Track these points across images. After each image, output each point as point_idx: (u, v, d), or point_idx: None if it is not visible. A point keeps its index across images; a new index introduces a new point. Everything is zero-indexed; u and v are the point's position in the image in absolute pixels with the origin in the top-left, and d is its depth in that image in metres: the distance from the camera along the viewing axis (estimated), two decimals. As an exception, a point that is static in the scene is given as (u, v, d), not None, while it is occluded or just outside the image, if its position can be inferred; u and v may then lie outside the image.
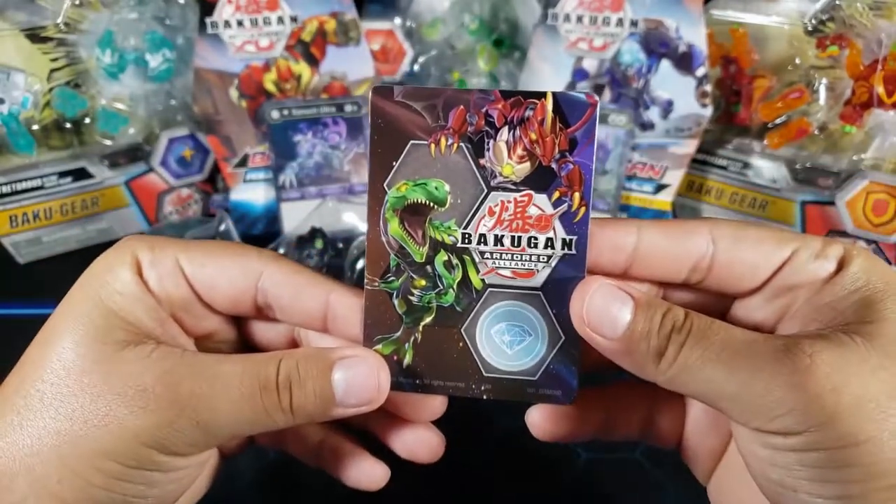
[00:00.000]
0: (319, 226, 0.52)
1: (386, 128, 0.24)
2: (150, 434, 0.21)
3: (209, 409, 0.22)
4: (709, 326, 0.21)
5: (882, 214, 0.48)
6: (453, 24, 0.61)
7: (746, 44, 0.51)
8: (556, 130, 0.24)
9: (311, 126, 0.53)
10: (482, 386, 0.25)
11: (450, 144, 0.24)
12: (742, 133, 0.54)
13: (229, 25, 0.51)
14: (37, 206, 0.51)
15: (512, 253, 0.25)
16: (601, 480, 0.38)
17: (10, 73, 0.47)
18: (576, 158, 0.24)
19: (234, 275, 0.25)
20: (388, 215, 0.25)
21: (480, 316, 0.25)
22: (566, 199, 0.24)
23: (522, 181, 0.24)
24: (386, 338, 0.25)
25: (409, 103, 0.24)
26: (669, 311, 0.22)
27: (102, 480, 0.21)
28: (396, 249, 0.25)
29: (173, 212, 0.57)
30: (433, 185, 0.24)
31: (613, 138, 0.53)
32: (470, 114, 0.24)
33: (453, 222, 0.25)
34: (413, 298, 0.25)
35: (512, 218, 0.24)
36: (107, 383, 0.21)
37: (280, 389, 0.22)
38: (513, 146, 0.24)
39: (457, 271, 0.25)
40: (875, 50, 0.46)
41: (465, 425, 0.41)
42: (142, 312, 0.23)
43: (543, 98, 0.24)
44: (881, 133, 0.48)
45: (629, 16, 0.51)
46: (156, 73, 0.52)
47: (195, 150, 0.56)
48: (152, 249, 0.24)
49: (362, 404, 0.23)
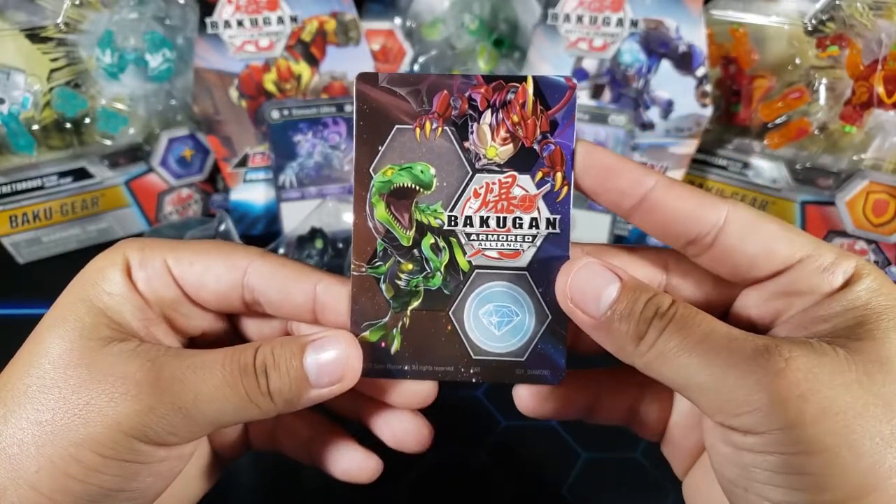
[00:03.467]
0: (319, 226, 0.52)
1: (371, 113, 0.25)
2: (129, 421, 0.21)
3: (190, 393, 0.22)
4: (692, 317, 0.21)
5: (882, 214, 0.48)
6: (453, 24, 0.61)
7: (746, 44, 0.51)
8: (538, 113, 0.24)
9: (311, 126, 0.53)
10: (471, 369, 0.25)
11: (434, 128, 0.25)
12: (742, 133, 0.54)
13: (229, 25, 0.51)
14: (37, 206, 0.51)
15: (498, 234, 0.25)
16: (601, 480, 0.38)
17: (10, 73, 0.47)
18: (557, 139, 0.24)
19: (220, 272, 0.25)
20: (374, 200, 0.25)
21: (468, 298, 0.25)
22: (549, 179, 0.25)
23: (506, 163, 0.25)
24: (374, 324, 0.25)
25: (394, 89, 0.25)
26: (655, 297, 0.22)
27: (80, 471, 0.21)
28: (383, 234, 0.25)
29: (173, 212, 0.57)
30: (419, 168, 0.25)
31: (613, 138, 0.53)
32: (454, 98, 0.24)
33: (439, 205, 0.25)
34: (400, 283, 0.25)
35: (497, 199, 0.25)
36: (89, 375, 0.22)
37: (258, 374, 0.22)
38: (496, 129, 0.25)
39: (444, 254, 0.25)
40: (875, 50, 0.46)
41: (466, 425, 0.41)
42: (129, 313, 0.24)
43: (524, 82, 0.24)
44: (881, 133, 0.48)
45: (629, 16, 0.51)
46: (156, 73, 0.52)
47: (195, 150, 0.56)
48: (142, 251, 0.25)
49: (335, 382, 0.23)
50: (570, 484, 0.38)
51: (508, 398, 0.26)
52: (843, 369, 0.20)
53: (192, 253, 0.25)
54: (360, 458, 0.28)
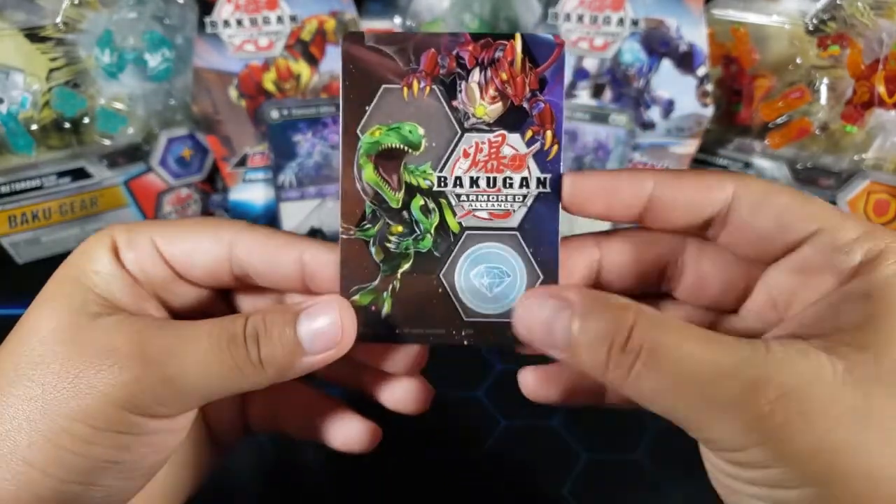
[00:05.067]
0: (319, 226, 0.52)
1: (358, 73, 0.24)
2: (118, 392, 0.21)
3: (177, 363, 0.22)
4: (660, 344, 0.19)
5: (883, 214, 0.48)
6: (453, 24, 0.60)
7: (747, 43, 0.51)
8: (526, 70, 0.24)
9: (310, 126, 0.53)
10: (463, 331, 0.25)
11: (422, 87, 0.24)
12: (743, 133, 0.54)
13: (228, 25, 0.51)
14: (36, 206, 0.51)
15: (488, 194, 0.25)
16: (601, 480, 0.38)
17: (8, 73, 0.46)
18: (546, 97, 0.24)
19: (207, 247, 0.25)
20: (362, 161, 0.24)
21: (459, 260, 0.25)
22: (539, 137, 0.24)
23: (495, 122, 0.24)
24: (363, 287, 0.25)
25: (381, 48, 0.24)
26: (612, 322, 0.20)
27: (72, 443, 0.21)
28: (372, 196, 0.25)
29: (172, 212, 0.57)
30: (407, 128, 0.24)
31: (614, 138, 0.53)
32: (441, 56, 0.24)
33: (428, 166, 0.25)
34: (390, 245, 0.25)
35: (486, 159, 0.24)
36: (78, 349, 0.22)
37: (248, 342, 0.22)
38: (484, 87, 0.24)
39: (434, 215, 0.25)
40: (876, 49, 0.46)
41: (466, 425, 0.41)
42: (117, 289, 0.24)
43: (512, 39, 0.24)
44: (882, 133, 0.48)
45: (630, 15, 0.51)
46: (155, 72, 0.52)
47: (194, 150, 0.56)
48: (129, 232, 0.25)
49: (330, 348, 0.23)
50: (570, 484, 0.38)
51: (508, 398, 0.26)
52: (838, 395, 0.18)
53: (179, 230, 0.25)
54: (359, 427, 0.28)
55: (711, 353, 0.19)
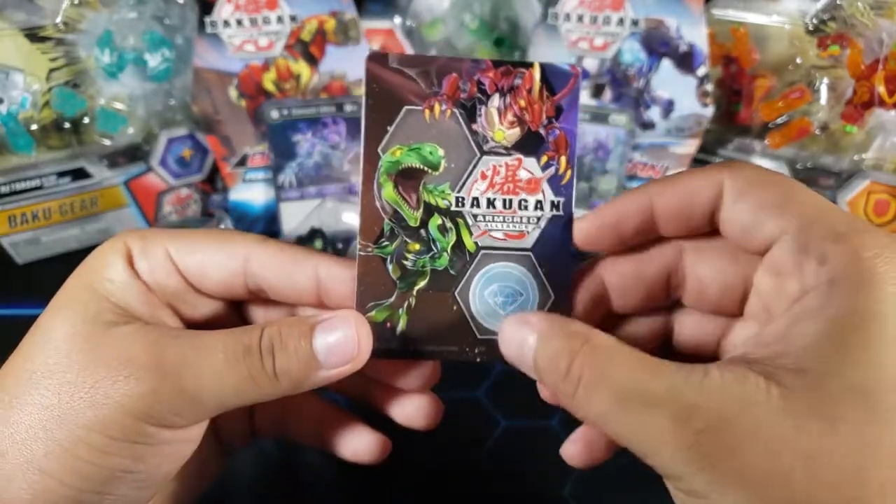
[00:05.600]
0: (319, 226, 0.52)
1: (381, 93, 0.25)
2: (134, 403, 0.21)
3: (192, 375, 0.22)
4: (595, 374, 0.20)
5: (883, 215, 0.48)
6: (453, 24, 0.60)
7: (747, 43, 0.51)
8: (543, 98, 0.25)
9: (310, 126, 0.53)
10: (476, 349, 0.25)
11: (444, 110, 0.25)
12: (743, 133, 0.54)
13: (228, 25, 0.51)
14: (36, 206, 0.51)
15: (503, 215, 0.25)
16: (601, 481, 0.38)
17: (8, 73, 0.46)
18: (562, 125, 0.25)
19: (221, 261, 0.25)
20: (382, 180, 0.25)
21: (474, 278, 0.25)
22: (553, 162, 0.25)
23: (513, 146, 0.25)
24: (379, 304, 0.25)
25: (404, 70, 0.25)
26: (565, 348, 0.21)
27: (88, 453, 0.21)
28: (391, 214, 0.25)
29: (172, 212, 0.57)
30: (427, 149, 0.25)
31: (614, 138, 0.53)
32: (463, 81, 0.25)
33: (447, 186, 0.25)
34: (407, 263, 0.25)
35: (503, 181, 0.25)
36: (94, 358, 0.22)
37: (263, 354, 0.22)
38: (503, 112, 0.25)
39: (450, 234, 0.25)
40: (876, 49, 0.46)
41: (466, 425, 0.41)
42: (132, 298, 0.24)
43: (531, 68, 0.25)
44: (882, 133, 0.48)
45: (630, 15, 0.51)
46: (155, 72, 0.52)
47: (194, 150, 0.56)
48: (143, 240, 0.25)
49: (346, 362, 0.23)
50: (570, 485, 0.38)
51: (508, 398, 0.26)
52: (768, 424, 0.17)
53: (193, 242, 0.25)
54: (369, 439, 0.28)
55: (645, 382, 0.19)
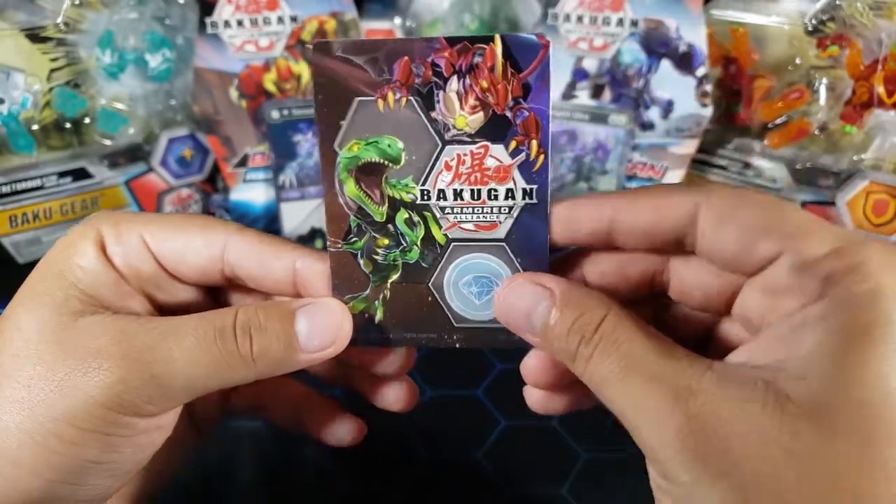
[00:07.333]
0: (319, 226, 0.52)
1: (329, 85, 0.23)
2: (105, 394, 0.21)
3: (162, 361, 0.22)
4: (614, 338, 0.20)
5: (882, 214, 0.48)
6: (453, 24, 0.60)
7: (747, 44, 0.51)
8: (508, 76, 0.22)
9: (310, 126, 0.53)
10: (454, 336, 0.25)
11: (398, 98, 0.23)
12: (742, 133, 0.54)
13: (229, 25, 0.51)
14: (37, 206, 0.51)
15: (472, 206, 0.24)
16: (601, 480, 0.38)
17: (9, 73, 0.46)
18: (531, 105, 0.23)
19: (198, 247, 0.25)
20: (342, 176, 0.24)
21: (447, 270, 0.25)
22: (524, 147, 0.23)
23: (477, 132, 0.23)
24: (355, 296, 0.25)
25: (350, 58, 0.23)
26: (584, 315, 0.21)
27: (60, 445, 0.21)
28: (355, 210, 0.24)
29: (173, 212, 0.57)
30: (385, 142, 0.23)
31: (613, 138, 0.53)
32: (415, 64, 0.23)
33: (410, 179, 0.24)
34: (378, 257, 0.25)
35: (470, 171, 0.24)
36: (62, 350, 0.21)
37: (238, 336, 0.22)
38: (464, 96, 0.23)
39: (419, 228, 0.24)
40: (875, 50, 0.46)
41: (466, 425, 0.41)
42: (102, 286, 0.23)
43: (492, 42, 0.22)
44: (881, 133, 0.48)
45: (629, 16, 0.51)
46: (155, 72, 0.52)
47: (195, 150, 0.56)
48: (117, 225, 0.24)
49: (326, 347, 0.23)
50: (569, 484, 0.38)
51: (508, 398, 0.26)
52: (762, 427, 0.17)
53: (169, 228, 0.25)
54: (349, 423, 0.29)
55: (656, 355, 0.20)
